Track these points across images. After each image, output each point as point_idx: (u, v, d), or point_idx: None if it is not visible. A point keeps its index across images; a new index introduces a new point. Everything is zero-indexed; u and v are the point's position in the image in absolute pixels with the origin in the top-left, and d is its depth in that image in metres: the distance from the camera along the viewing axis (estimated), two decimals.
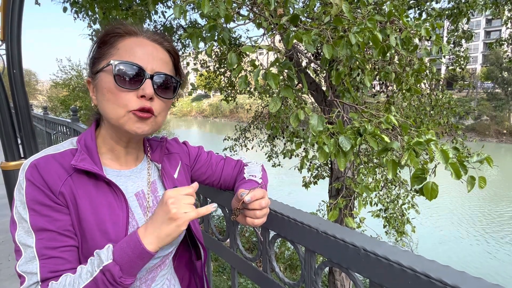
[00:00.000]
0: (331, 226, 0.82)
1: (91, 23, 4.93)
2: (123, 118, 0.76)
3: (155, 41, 0.82)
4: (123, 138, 0.83)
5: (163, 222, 0.68)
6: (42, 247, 0.69)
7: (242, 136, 8.03)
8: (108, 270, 0.64)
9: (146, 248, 0.66)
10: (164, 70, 0.80)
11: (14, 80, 2.57)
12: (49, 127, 5.96)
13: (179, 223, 0.68)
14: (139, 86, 0.76)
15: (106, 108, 0.77)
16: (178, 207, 0.68)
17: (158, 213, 0.70)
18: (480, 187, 1.54)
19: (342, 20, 1.89)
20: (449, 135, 5.12)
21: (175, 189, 0.71)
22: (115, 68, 0.75)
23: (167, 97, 0.82)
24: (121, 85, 0.75)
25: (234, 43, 6.24)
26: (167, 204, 0.68)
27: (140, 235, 0.68)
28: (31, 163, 0.73)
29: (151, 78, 0.77)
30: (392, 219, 4.97)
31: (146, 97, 0.76)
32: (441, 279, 0.57)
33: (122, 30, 0.80)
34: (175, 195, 0.70)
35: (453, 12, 4.92)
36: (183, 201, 0.69)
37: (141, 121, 0.77)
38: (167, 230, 0.68)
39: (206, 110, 69.18)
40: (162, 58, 0.81)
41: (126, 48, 0.78)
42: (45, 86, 39.05)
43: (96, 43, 0.82)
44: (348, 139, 1.83)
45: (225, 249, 1.29)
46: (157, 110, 0.79)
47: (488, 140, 37.29)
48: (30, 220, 0.69)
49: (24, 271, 0.68)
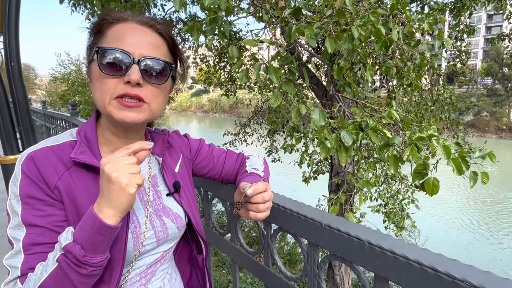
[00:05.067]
0: (335, 219, 0.81)
1: (90, 16, 4.88)
2: (109, 106, 0.73)
3: (145, 24, 0.78)
4: (119, 128, 0.80)
5: (110, 191, 0.63)
6: (30, 242, 0.68)
7: (242, 131, 8.01)
8: (68, 251, 0.62)
9: (104, 221, 0.63)
10: (155, 55, 0.76)
11: (12, 74, 2.54)
12: (48, 121, 5.94)
13: (123, 185, 0.63)
14: (125, 72, 0.72)
15: (95, 96, 0.75)
16: (118, 169, 0.63)
17: (102, 184, 0.65)
18: (483, 182, 1.53)
19: (345, 14, 1.87)
20: (450, 131, 5.11)
21: (110, 156, 0.66)
22: (99, 54, 0.72)
23: (159, 83, 0.77)
24: (105, 72, 0.72)
25: (234, 37, 6.20)
26: (104, 170, 0.63)
27: (95, 210, 0.64)
28: (28, 155, 0.72)
29: (138, 63, 0.73)
30: (392, 214, 4.97)
31: (132, 83, 0.72)
32: (448, 272, 0.56)
33: (111, 17, 0.77)
34: (110, 159, 0.65)
35: (455, 5, 4.88)
36: (122, 163, 0.64)
37: (129, 110, 0.73)
38: (116, 197, 0.63)
39: (205, 105, 69.05)
40: (152, 42, 0.77)
41: (114, 34, 0.75)
42: (44, 81, 38.83)
43: (90, 33, 0.79)
44: (350, 134, 1.81)
45: (226, 243, 1.28)
46: (149, 97, 0.75)
47: (487, 136, 37.33)
48: (22, 214, 0.69)
49: (9, 264, 0.68)
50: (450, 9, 4.97)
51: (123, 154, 0.67)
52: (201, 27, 2.26)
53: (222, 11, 2.03)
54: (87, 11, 5.18)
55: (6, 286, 0.68)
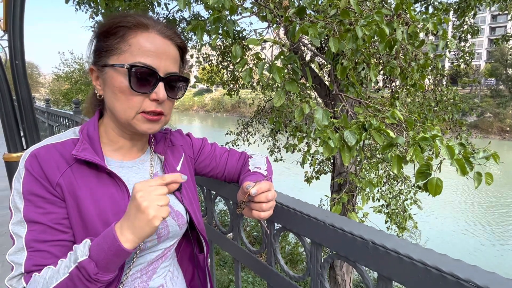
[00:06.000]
0: (338, 218, 0.80)
1: (93, 14, 4.89)
2: (134, 120, 0.76)
3: (167, 37, 0.79)
4: (128, 132, 0.83)
5: (136, 218, 0.64)
6: (32, 239, 0.69)
7: (244, 130, 8.01)
8: (83, 267, 0.63)
9: (123, 246, 0.63)
10: (175, 69, 0.80)
11: (17, 71, 2.55)
12: (52, 120, 5.96)
13: (150, 217, 0.63)
14: (152, 90, 0.75)
15: (116, 106, 0.76)
16: (149, 200, 0.63)
17: (130, 208, 0.65)
18: (487, 183, 1.52)
19: (349, 13, 1.86)
20: (453, 131, 5.09)
21: (143, 181, 0.67)
22: (130, 71, 0.73)
23: (177, 97, 0.83)
24: (135, 89, 0.74)
25: (237, 36, 6.20)
26: (136, 198, 0.64)
27: (117, 232, 0.64)
28: (32, 153, 0.73)
29: (163, 81, 0.76)
30: (394, 214, 4.96)
31: (160, 101, 0.76)
32: (453, 272, 0.56)
33: (131, 23, 0.76)
34: (143, 187, 0.65)
35: (460, 6, 4.85)
36: (153, 193, 0.65)
37: (151, 123, 0.78)
38: (140, 226, 0.64)
39: (208, 105, 69.14)
40: (173, 56, 0.80)
41: (139, 46, 0.75)
42: (48, 79, 39.01)
43: (103, 33, 0.78)
44: (353, 133, 1.81)
45: (228, 242, 1.28)
46: (166, 110, 0.80)
47: (491, 138, 37.13)
48: (24, 211, 0.70)
49: (12, 260, 0.69)
50: (455, 9, 4.94)
51: (157, 184, 0.67)
52: (205, 26, 2.26)
53: (226, 10, 2.03)
54: (90, 9, 5.19)
55: (10, 281, 0.69)
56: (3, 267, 3.08)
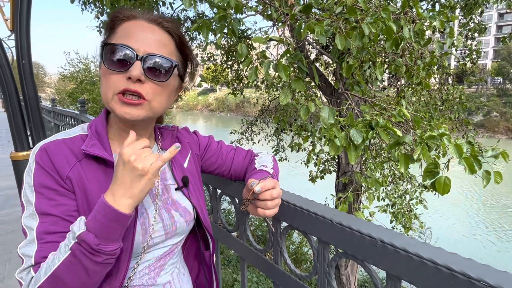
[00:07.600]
0: (345, 217, 0.80)
1: (99, 14, 4.91)
2: (112, 101, 0.74)
3: (153, 21, 0.79)
4: (125, 124, 0.82)
5: (133, 181, 0.65)
6: (43, 231, 0.69)
7: (248, 129, 8.01)
8: (82, 240, 0.63)
9: (119, 210, 0.64)
10: (161, 52, 0.76)
11: (23, 71, 2.57)
12: (58, 119, 6.01)
13: (150, 176, 0.66)
14: (128, 68, 0.73)
15: (101, 92, 0.77)
16: (143, 161, 0.66)
17: (123, 174, 0.66)
18: (496, 182, 1.50)
19: (356, 11, 1.85)
20: (460, 131, 5.04)
21: (130, 146, 0.67)
22: (105, 50, 0.74)
23: (161, 80, 0.77)
24: (109, 67, 0.73)
25: (242, 35, 6.19)
26: (131, 162, 0.65)
27: (109, 201, 0.64)
28: (42, 147, 0.74)
29: (141, 60, 0.74)
30: (399, 214, 4.92)
31: (132, 79, 0.72)
32: (464, 271, 0.55)
33: (122, 15, 0.79)
34: (134, 151, 0.66)
35: (467, 3, 4.79)
36: (143, 155, 0.67)
37: (129, 106, 0.74)
38: (139, 187, 0.66)
39: (212, 104, 69.22)
40: (159, 40, 0.78)
41: (123, 31, 0.77)
42: (53, 79, 39.33)
43: (104, 32, 0.82)
44: (360, 132, 1.79)
45: (234, 241, 1.28)
46: (150, 94, 0.75)
47: (497, 137, 36.72)
48: (36, 203, 0.70)
49: (23, 253, 0.69)
50: (461, 7, 4.89)
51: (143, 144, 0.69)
52: (210, 25, 2.26)
53: (232, 9, 2.03)
54: (96, 9, 5.22)
55: (20, 274, 0.68)
56: (10, 264, 3.11)
